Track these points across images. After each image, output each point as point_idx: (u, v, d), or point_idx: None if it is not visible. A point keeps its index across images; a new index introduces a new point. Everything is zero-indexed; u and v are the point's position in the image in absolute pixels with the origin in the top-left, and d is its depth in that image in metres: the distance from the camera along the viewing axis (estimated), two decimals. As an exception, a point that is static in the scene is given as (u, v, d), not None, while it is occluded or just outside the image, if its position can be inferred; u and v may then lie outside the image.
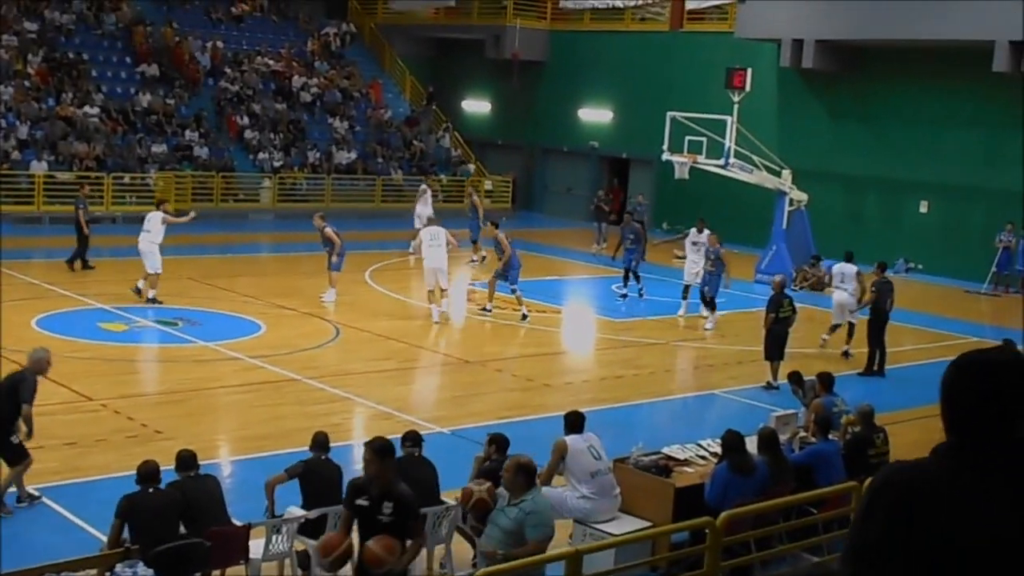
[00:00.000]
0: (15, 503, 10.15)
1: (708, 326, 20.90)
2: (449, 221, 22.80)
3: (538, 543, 7.81)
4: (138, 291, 19.80)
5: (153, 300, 19.68)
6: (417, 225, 26.79)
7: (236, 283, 22.30)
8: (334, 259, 20.76)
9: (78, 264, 22.66)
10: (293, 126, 36.26)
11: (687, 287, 21.83)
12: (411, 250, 23.97)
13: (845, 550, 2.70)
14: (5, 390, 10.14)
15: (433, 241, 20.41)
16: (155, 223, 20.05)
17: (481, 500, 8.52)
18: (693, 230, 22.40)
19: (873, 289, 18.11)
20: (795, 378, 13.65)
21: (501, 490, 8.32)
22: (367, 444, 7.67)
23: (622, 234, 24.25)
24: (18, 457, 10.06)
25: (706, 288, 20.78)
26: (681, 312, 21.75)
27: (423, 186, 30.19)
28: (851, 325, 19.06)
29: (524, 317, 20.45)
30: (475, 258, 27.18)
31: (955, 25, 26.98)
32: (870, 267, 19.17)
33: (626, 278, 23.32)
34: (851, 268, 19.43)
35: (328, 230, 20.77)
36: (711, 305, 20.88)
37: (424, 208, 28.06)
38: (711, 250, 20.68)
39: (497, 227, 21.23)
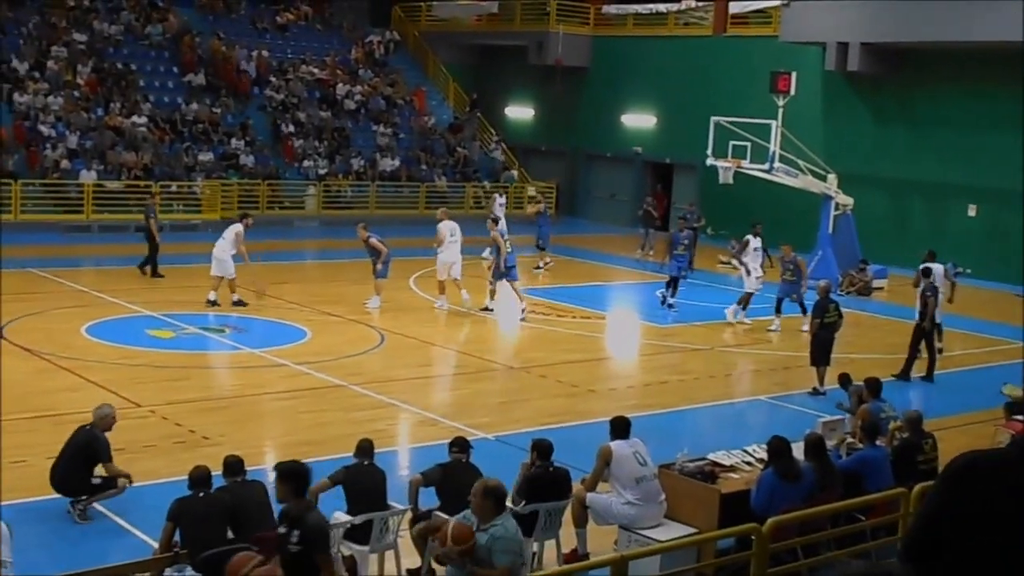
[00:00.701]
0: (69, 506, 10.29)
1: (804, 328, 20.41)
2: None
3: (508, 568, 7.39)
4: (215, 302, 20.31)
5: (213, 303, 20.18)
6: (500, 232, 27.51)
7: (282, 290, 22.43)
8: (379, 267, 20.84)
9: (148, 270, 23.04)
10: (338, 134, 36.49)
11: (749, 295, 21.27)
12: (484, 256, 24.81)
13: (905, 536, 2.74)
14: (76, 446, 10.37)
15: (452, 236, 21.36)
16: (230, 234, 20.55)
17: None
18: (749, 236, 21.92)
19: (928, 295, 17.84)
20: (844, 380, 13.58)
21: (467, 513, 7.73)
22: (275, 467, 7.48)
23: (673, 240, 22.93)
24: (107, 485, 10.38)
25: (793, 296, 20.60)
26: (729, 317, 21.51)
27: (495, 194, 30.89)
28: (937, 324, 18.48)
29: (487, 309, 21.00)
30: (541, 264, 27.11)
31: (1002, 26, 26.59)
32: (912, 272, 18.92)
33: (671, 285, 22.49)
34: (939, 267, 19.22)
35: (372, 240, 20.85)
36: (803, 309, 20.35)
37: (501, 214, 28.29)
38: (787, 260, 20.59)
39: (496, 223, 21.62)
